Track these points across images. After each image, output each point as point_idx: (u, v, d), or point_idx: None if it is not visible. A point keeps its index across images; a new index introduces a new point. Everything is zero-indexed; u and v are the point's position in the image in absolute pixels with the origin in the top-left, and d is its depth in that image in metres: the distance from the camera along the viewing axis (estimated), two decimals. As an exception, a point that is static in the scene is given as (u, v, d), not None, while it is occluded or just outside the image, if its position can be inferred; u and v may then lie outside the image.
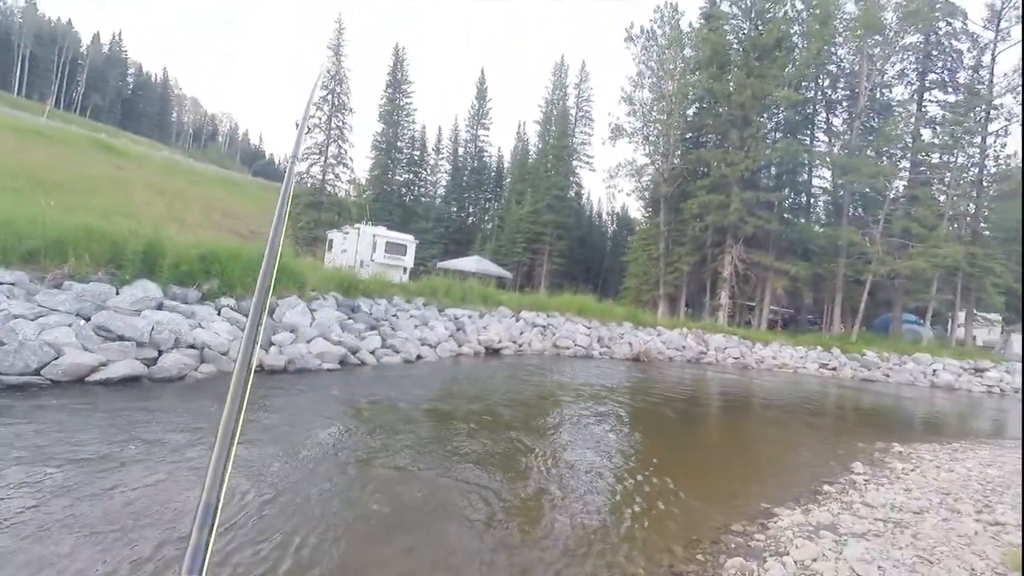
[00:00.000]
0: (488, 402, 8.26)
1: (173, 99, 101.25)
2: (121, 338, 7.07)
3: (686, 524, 4.05)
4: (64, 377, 6.18)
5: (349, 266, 16.46)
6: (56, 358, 6.24)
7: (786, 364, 20.14)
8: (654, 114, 34.27)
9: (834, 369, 20.22)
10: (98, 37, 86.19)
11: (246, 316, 6.05)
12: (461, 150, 50.62)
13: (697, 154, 31.47)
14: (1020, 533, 3.98)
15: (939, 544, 3.64)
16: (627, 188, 60.53)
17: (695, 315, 30.85)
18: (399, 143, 40.93)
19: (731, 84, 28.82)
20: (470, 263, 30.35)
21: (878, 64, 28.94)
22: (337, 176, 33.09)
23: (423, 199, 44.87)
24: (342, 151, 32.81)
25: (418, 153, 44.93)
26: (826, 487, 5.27)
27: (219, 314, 8.83)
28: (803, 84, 30.35)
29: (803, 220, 32.35)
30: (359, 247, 20.39)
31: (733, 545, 3.66)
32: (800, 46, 29.72)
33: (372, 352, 10.55)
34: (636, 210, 43.25)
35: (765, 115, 30.11)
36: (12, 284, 7.22)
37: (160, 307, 8.15)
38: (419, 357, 11.58)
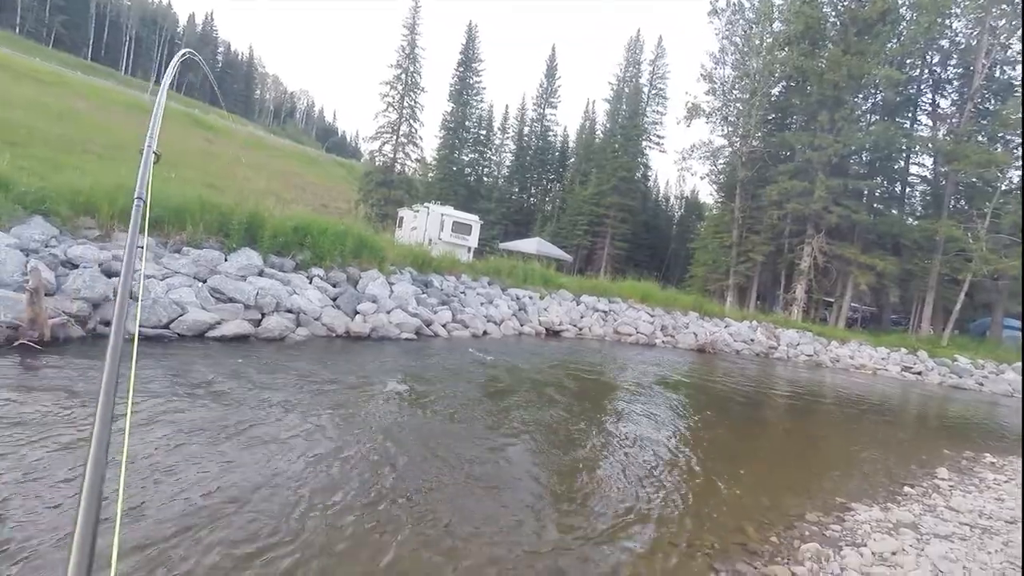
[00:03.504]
0: (560, 379, 8.56)
1: (257, 77, 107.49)
2: (231, 300, 7.96)
3: (758, 509, 4.14)
4: (188, 332, 7.10)
5: (418, 244, 17.18)
6: (181, 315, 7.17)
7: (865, 365, 18.90)
8: (735, 93, 32.33)
9: (919, 373, 18.73)
10: (193, 18, 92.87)
11: (334, 286, 6.70)
12: (526, 129, 50.24)
13: (780, 137, 29.52)
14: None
15: (1034, 556, 3.51)
16: (700, 171, 57.88)
17: (766, 308, 29.42)
18: (467, 123, 41.33)
19: (824, 61, 26.60)
20: (531, 245, 30.56)
21: (1001, 38, 25.57)
22: (407, 155, 34.09)
23: (486, 179, 45.29)
24: (413, 130, 33.67)
25: (484, 133, 45.15)
26: (907, 488, 5.13)
27: (311, 283, 9.66)
28: (907, 62, 27.43)
29: (896, 211, 29.67)
30: (428, 226, 21.15)
31: (808, 532, 3.72)
32: (908, 19, 26.81)
33: (444, 325, 11.14)
34: (708, 195, 41.40)
35: (860, 95, 27.61)
36: (142, 247, 8.28)
37: (261, 274, 9.03)
38: (485, 333, 12.07)
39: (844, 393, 12.84)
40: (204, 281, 8.09)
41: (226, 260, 8.89)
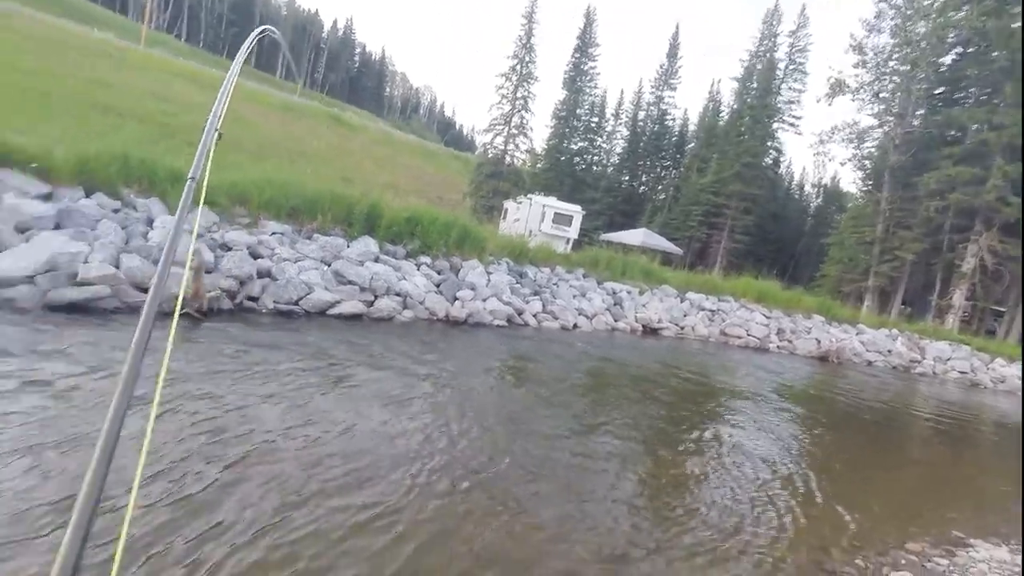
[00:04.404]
0: (659, 378, 8.43)
1: (387, 75, 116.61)
2: (350, 282, 9.02)
3: (851, 531, 3.87)
4: (313, 309, 8.22)
5: (519, 235, 17.61)
6: (308, 294, 8.30)
7: (1044, 391, 15.47)
8: (891, 64, 27.82)
9: None
10: (336, 24, 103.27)
11: (438, 273, 7.26)
12: (642, 114, 48.04)
13: (947, 114, 24.84)
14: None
15: None
16: (842, 156, 50.90)
17: (915, 316, 25.26)
18: (578, 110, 40.71)
19: (1016, 22, 21.71)
20: (636, 236, 29.47)
21: None
22: (517, 146, 34.67)
23: (594, 167, 44.34)
24: (524, 121, 34.12)
25: (596, 120, 44.12)
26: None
27: (418, 269, 10.53)
28: None
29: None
30: (529, 217, 21.55)
31: (903, 561, 3.38)
32: None
33: (534, 315, 11.43)
34: (851, 183, 36.14)
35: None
36: (281, 234, 9.64)
37: (376, 260, 10.05)
38: (575, 326, 12.12)
39: (1002, 420, 10.72)
40: (329, 265, 9.25)
41: (348, 247, 10.04)
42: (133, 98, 17.92)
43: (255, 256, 8.15)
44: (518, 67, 33.51)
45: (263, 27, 2.35)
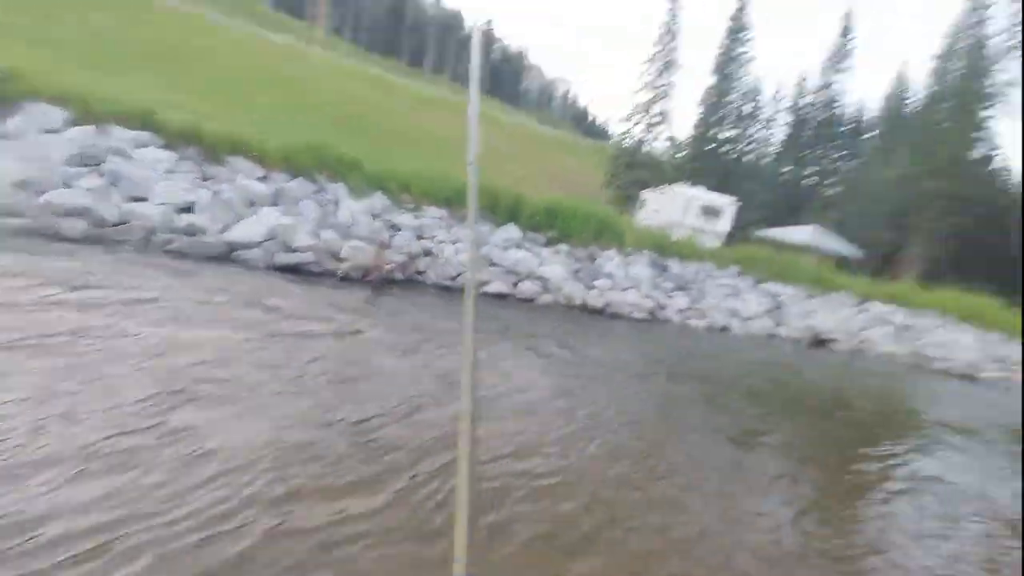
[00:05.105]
0: (808, 398, 7.28)
1: (523, 69, 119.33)
2: (497, 265, 9.33)
3: None
4: (466, 287, 8.68)
5: (660, 227, 16.59)
6: (463, 272, 8.76)
7: None
8: None
9: None
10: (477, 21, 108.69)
11: (576, 261, 7.05)
12: (806, 100, 42.20)
13: None
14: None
15: None
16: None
17: None
18: (728, 97, 37.26)
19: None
20: (805, 233, 25.85)
21: None
22: (656, 136, 33.02)
23: (749, 157, 40.07)
24: (666, 110, 32.38)
25: (750, 106, 39.87)
26: None
27: (556, 256, 10.50)
28: None
29: None
30: (672, 208, 20.25)
31: None
32: None
33: (679, 311, 10.66)
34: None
35: None
36: (440, 219, 10.26)
37: (519, 247, 10.24)
38: (725, 328, 11.04)
39: None
40: (479, 248, 9.67)
41: (492, 235, 10.39)
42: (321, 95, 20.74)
43: (419, 237, 8.86)
44: (662, 52, 31.80)
45: (476, 30, 2.39)
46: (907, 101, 37.21)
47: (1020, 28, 17.24)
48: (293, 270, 6.97)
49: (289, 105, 17.23)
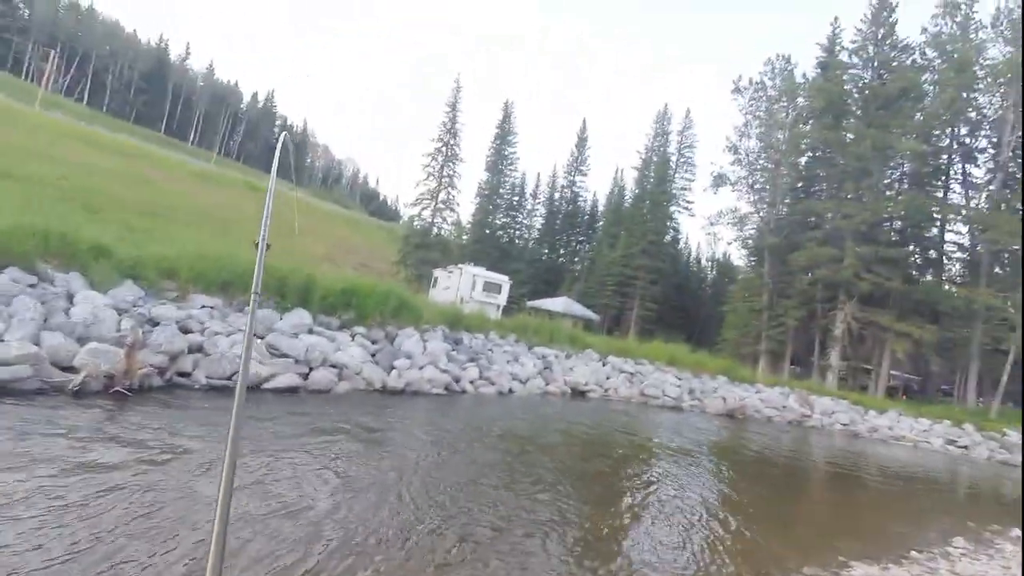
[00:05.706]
0: (584, 438, 8.92)
1: (309, 147, 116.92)
2: (284, 355, 8.86)
3: (760, 560, 4.55)
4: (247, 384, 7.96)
5: (451, 302, 18.12)
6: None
7: (904, 436, 18.08)
8: (760, 163, 33.54)
9: (965, 447, 17.73)
10: (256, 96, 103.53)
11: (373, 343, 7.61)
12: (557, 195, 52.63)
13: (807, 204, 30.08)
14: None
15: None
16: (728, 236, 58.39)
17: (803, 375, 28.63)
18: (500, 190, 43.84)
19: (848, 135, 27.50)
20: (558, 304, 31.21)
21: (1028, 111, 25.90)
22: (444, 219, 36.35)
23: (517, 241, 47.13)
24: (450, 196, 36.10)
25: (517, 199, 47.63)
26: (913, 553, 5.27)
27: (353, 340, 10.53)
28: (934, 134, 27.97)
29: (932, 278, 29.09)
30: (460, 285, 22.28)
31: None
32: (931, 94, 27.68)
33: (471, 382, 11.71)
34: (739, 258, 41.56)
35: (888, 165, 28.11)
36: (212, 308, 9.35)
37: (311, 331, 9.96)
38: (510, 391, 12.52)
39: (877, 464, 12.45)
40: (262, 338, 9.05)
41: (281, 319, 9.90)
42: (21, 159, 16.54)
43: (185, 331, 7.85)
44: (443, 149, 35.96)
45: (284, 134, 2.66)
46: (624, 198, 49.59)
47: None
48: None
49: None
